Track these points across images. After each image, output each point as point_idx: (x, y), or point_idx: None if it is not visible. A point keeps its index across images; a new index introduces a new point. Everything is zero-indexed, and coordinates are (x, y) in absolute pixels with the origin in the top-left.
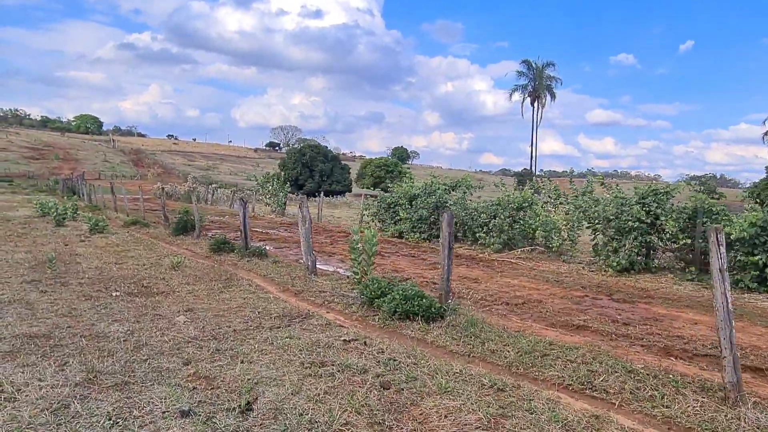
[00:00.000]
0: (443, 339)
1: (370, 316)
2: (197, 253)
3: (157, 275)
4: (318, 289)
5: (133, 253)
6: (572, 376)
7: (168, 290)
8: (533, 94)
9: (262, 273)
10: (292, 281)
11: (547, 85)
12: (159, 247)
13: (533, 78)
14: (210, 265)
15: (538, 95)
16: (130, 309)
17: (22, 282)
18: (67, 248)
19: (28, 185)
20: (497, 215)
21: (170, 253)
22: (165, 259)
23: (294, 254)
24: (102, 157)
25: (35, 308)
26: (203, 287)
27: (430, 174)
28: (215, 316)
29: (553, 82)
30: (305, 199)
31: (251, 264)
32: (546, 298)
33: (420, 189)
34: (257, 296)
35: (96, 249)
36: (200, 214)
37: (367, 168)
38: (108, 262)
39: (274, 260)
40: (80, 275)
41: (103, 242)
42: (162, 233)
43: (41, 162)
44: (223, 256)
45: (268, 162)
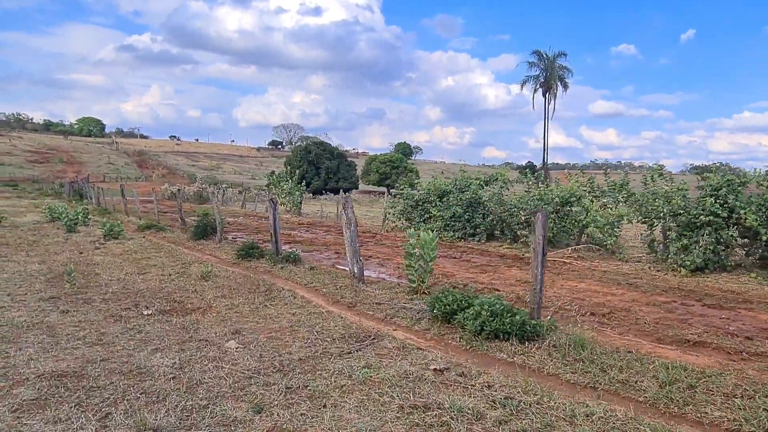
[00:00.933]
0: (551, 365)
1: (447, 334)
2: (223, 259)
3: (188, 287)
4: (373, 301)
5: (154, 261)
6: (750, 419)
7: (204, 306)
8: (545, 85)
9: (303, 282)
10: (340, 291)
11: (559, 75)
12: (181, 254)
13: (544, 68)
14: (242, 273)
15: (549, 86)
16: (169, 332)
17: (39, 299)
18: (83, 257)
19: (33, 189)
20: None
21: (194, 260)
22: (191, 268)
23: (326, 258)
24: (106, 159)
25: (58, 334)
26: (242, 301)
27: (435, 169)
28: (269, 339)
29: (564, 72)
30: (349, 199)
31: (286, 271)
32: (629, 305)
33: (451, 184)
34: (307, 311)
35: (114, 257)
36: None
37: (373, 164)
38: (130, 273)
39: (311, 267)
40: (103, 289)
41: (120, 249)
42: (180, 237)
43: (45, 166)
44: (253, 262)
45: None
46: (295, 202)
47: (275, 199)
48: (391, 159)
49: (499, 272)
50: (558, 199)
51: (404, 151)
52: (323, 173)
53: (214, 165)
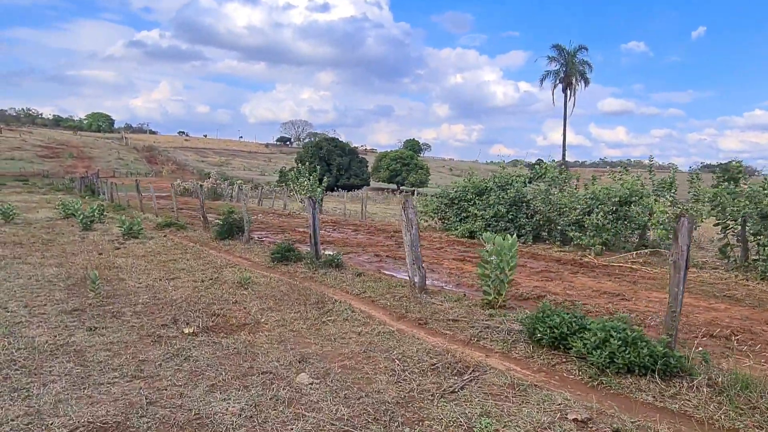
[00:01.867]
0: (722, 416)
1: (557, 364)
2: (256, 262)
3: (226, 297)
4: (446, 317)
5: (182, 264)
6: None
7: (252, 321)
8: (565, 80)
9: (354, 291)
10: (402, 304)
11: (579, 70)
12: (209, 256)
13: (564, 63)
14: (283, 280)
15: (569, 81)
16: (222, 360)
17: (60, 312)
18: (103, 259)
19: (43, 184)
20: (593, 210)
21: (225, 263)
22: (224, 273)
23: (367, 261)
24: (115, 154)
25: (89, 362)
26: (294, 315)
27: (444, 166)
28: (345, 371)
29: (585, 67)
30: (411, 197)
31: (331, 278)
32: (746, 324)
33: (491, 181)
34: (374, 330)
35: (137, 259)
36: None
37: (383, 161)
38: (158, 278)
39: (357, 272)
40: (132, 299)
41: (142, 250)
42: (203, 237)
43: (55, 161)
44: (290, 266)
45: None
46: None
47: (314, 198)
48: (401, 156)
49: (566, 280)
50: (617, 197)
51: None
52: (335, 170)
53: (224, 161)
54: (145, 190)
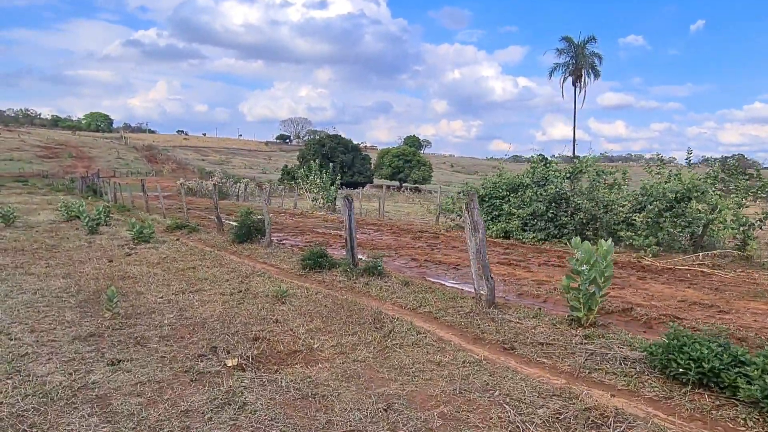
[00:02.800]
0: None
1: (712, 409)
2: (285, 270)
3: (264, 314)
4: (533, 339)
5: (203, 273)
6: None
7: (304, 348)
8: (575, 73)
9: (408, 305)
10: (471, 321)
11: (590, 62)
12: (230, 262)
13: (574, 56)
14: (321, 291)
15: (579, 74)
16: (286, 409)
17: (73, 338)
18: (115, 267)
19: (43, 185)
20: (645, 207)
21: (251, 271)
22: (253, 282)
23: (405, 267)
24: (115, 154)
25: (116, 414)
26: (351, 339)
27: (445, 162)
28: (447, 424)
29: (595, 58)
30: (475, 197)
31: (375, 288)
32: None
33: (527, 177)
34: (455, 359)
35: (152, 267)
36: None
37: (385, 158)
38: (180, 291)
39: (403, 281)
40: (155, 319)
41: (156, 256)
42: (219, 240)
43: (55, 161)
44: (324, 274)
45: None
46: (329, 198)
47: (351, 198)
48: (403, 152)
49: (638, 287)
50: (674, 193)
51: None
52: (338, 167)
53: (224, 159)
54: (149, 190)
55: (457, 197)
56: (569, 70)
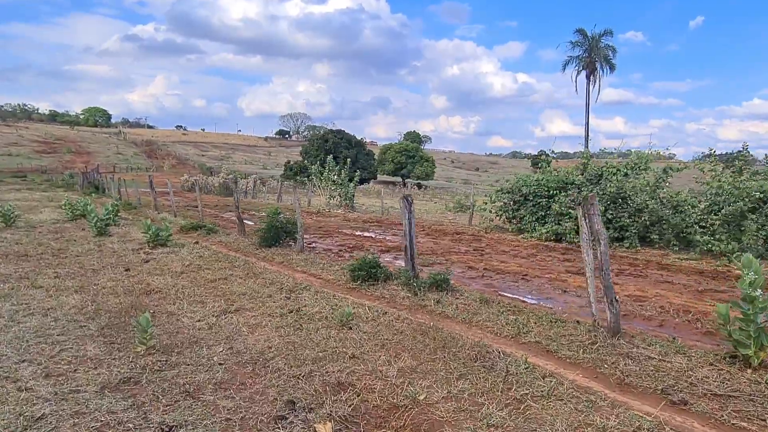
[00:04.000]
0: None
1: None
2: (330, 281)
3: (334, 345)
4: (702, 388)
5: (238, 285)
6: None
7: (407, 401)
8: (589, 66)
9: (506, 332)
10: (600, 357)
11: (605, 55)
12: (264, 271)
13: (588, 49)
14: (389, 312)
15: (593, 67)
16: None
17: (102, 388)
18: (134, 278)
19: (42, 180)
20: (722, 208)
21: (292, 283)
22: (301, 299)
23: (465, 277)
24: (114, 149)
25: None
26: (463, 386)
27: (446, 158)
28: None
29: (610, 51)
30: (596, 201)
31: (450, 307)
32: None
33: (579, 174)
34: (617, 419)
35: (176, 278)
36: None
37: (388, 153)
38: (218, 310)
39: (481, 299)
40: (199, 354)
41: (177, 263)
42: (242, 243)
43: (53, 156)
44: (380, 288)
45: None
46: (348, 195)
47: (410, 198)
48: (406, 148)
49: None
50: (761, 192)
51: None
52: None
53: (224, 155)
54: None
55: (496, 196)
56: (583, 63)
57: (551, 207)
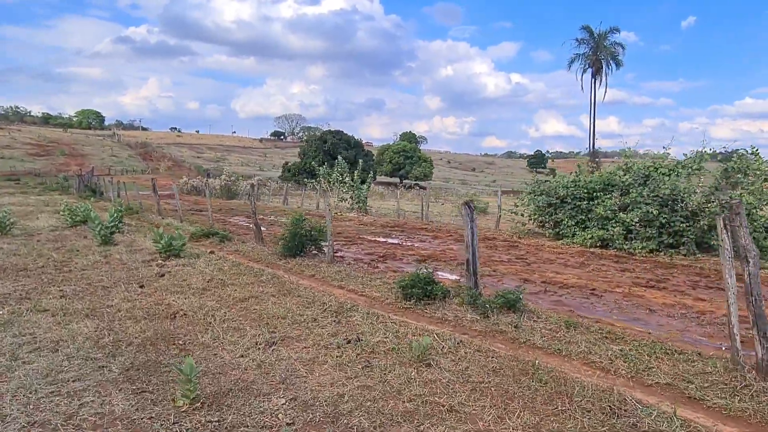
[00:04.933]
0: None
1: None
2: (376, 298)
3: (420, 393)
4: None
5: (273, 306)
6: None
7: None
8: (595, 64)
9: (621, 370)
10: (756, 402)
11: (612, 52)
12: (297, 287)
13: (594, 46)
14: (465, 342)
15: (599, 65)
16: None
17: None
18: (151, 296)
19: (36, 183)
20: None
21: (335, 303)
22: (353, 323)
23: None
24: (109, 151)
25: None
26: None
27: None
28: None
29: (617, 48)
30: (742, 210)
31: (536, 334)
32: None
33: (626, 173)
34: None
35: (199, 296)
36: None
37: (386, 154)
38: (259, 341)
39: (566, 323)
40: (260, 411)
41: (197, 277)
42: (262, 253)
43: (47, 159)
44: (442, 308)
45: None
46: (360, 197)
47: (472, 204)
48: (404, 149)
49: None
50: None
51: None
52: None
53: (220, 156)
54: (143, 189)
55: (528, 198)
56: (589, 61)
57: (592, 210)
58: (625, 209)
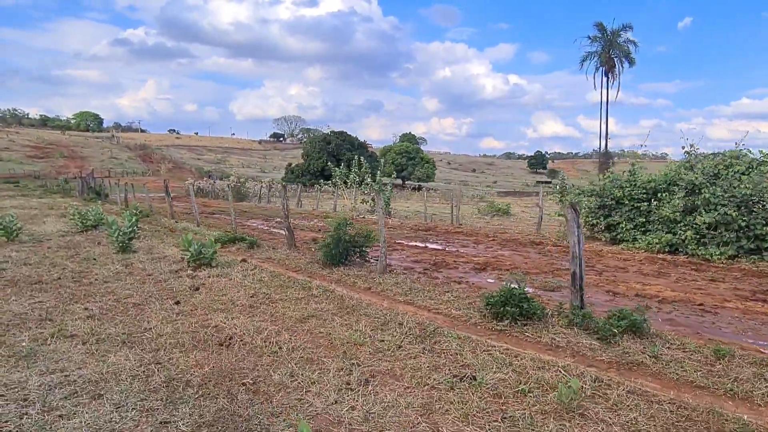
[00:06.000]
0: None
1: None
2: (457, 318)
3: None
4: None
5: (341, 329)
6: None
7: None
8: (607, 63)
9: None
10: None
11: (625, 50)
12: (358, 303)
13: (606, 44)
14: (603, 379)
15: (611, 64)
16: None
17: None
18: (191, 315)
19: (36, 186)
20: None
21: (413, 323)
22: (447, 351)
23: (610, 303)
24: (108, 153)
25: None
26: None
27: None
28: None
29: (630, 45)
30: None
31: (683, 367)
32: None
33: (696, 171)
34: None
35: (247, 314)
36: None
37: (388, 155)
38: (346, 378)
39: (717, 352)
40: None
41: (236, 290)
42: (299, 260)
43: (46, 161)
44: (538, 330)
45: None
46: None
47: (577, 206)
48: (407, 150)
49: None
50: None
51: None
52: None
53: (220, 158)
54: (153, 191)
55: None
56: (603, 59)
57: (653, 212)
58: (693, 211)
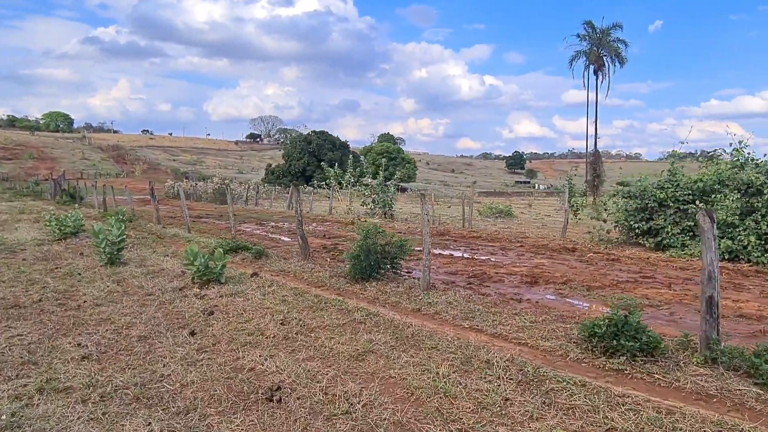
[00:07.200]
0: None
1: None
2: (546, 350)
3: None
4: None
5: (415, 371)
6: None
7: None
8: (597, 62)
9: None
10: None
11: (615, 49)
12: (416, 331)
13: (595, 43)
14: None
15: (601, 63)
16: None
17: None
18: (217, 353)
19: (4, 189)
20: None
21: (498, 361)
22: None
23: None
24: (79, 154)
25: None
26: None
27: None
28: None
29: (620, 45)
30: None
31: None
32: None
33: (753, 168)
34: None
35: (288, 351)
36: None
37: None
38: None
39: None
40: None
41: (262, 315)
42: (318, 274)
43: (14, 162)
44: (662, 369)
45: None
46: (386, 202)
47: (713, 213)
48: (387, 150)
49: None
50: None
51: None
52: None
53: (196, 159)
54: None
55: (611, 201)
56: (592, 58)
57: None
58: (750, 213)
